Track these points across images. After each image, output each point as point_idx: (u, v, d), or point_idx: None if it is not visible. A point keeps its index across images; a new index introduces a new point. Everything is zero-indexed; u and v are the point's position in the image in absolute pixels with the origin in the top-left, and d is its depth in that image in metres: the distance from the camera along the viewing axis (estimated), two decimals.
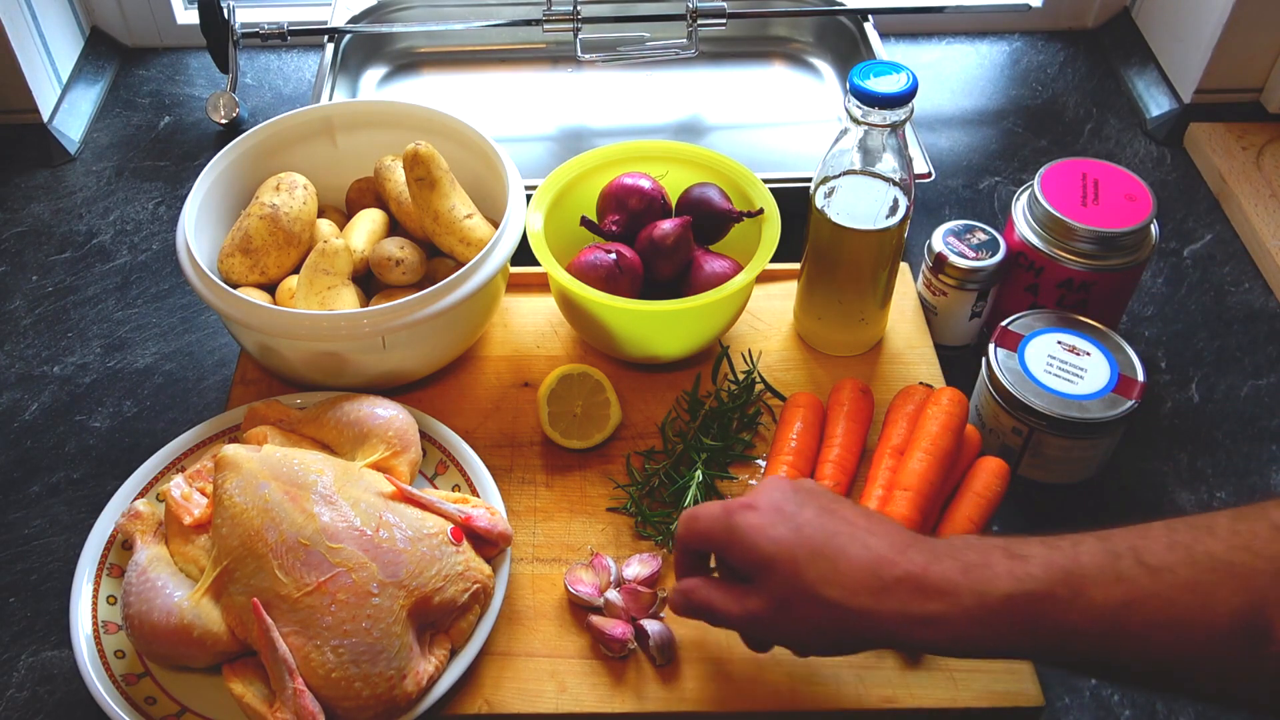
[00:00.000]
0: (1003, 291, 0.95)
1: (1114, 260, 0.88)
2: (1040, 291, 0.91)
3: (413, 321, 0.83)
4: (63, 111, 1.23)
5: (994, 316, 0.94)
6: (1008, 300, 0.94)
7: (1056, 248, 0.89)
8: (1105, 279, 0.89)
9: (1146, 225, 0.87)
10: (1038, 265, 0.90)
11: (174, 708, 0.72)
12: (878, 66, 0.82)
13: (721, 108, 1.26)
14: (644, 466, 0.87)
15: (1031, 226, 0.91)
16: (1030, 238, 0.90)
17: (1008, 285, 0.94)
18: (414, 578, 0.71)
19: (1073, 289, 0.90)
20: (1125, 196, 0.89)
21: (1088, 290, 0.89)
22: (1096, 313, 0.89)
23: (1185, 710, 0.76)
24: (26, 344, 1.01)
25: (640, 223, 0.93)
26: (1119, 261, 0.88)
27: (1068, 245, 0.88)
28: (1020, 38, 1.35)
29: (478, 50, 1.32)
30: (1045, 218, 0.89)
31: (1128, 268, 0.89)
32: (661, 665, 0.76)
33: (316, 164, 0.99)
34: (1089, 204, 0.88)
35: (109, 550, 0.79)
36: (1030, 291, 0.92)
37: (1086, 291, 0.89)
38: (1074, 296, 0.90)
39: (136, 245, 1.11)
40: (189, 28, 1.32)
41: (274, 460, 0.75)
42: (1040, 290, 0.91)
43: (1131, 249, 0.88)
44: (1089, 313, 0.89)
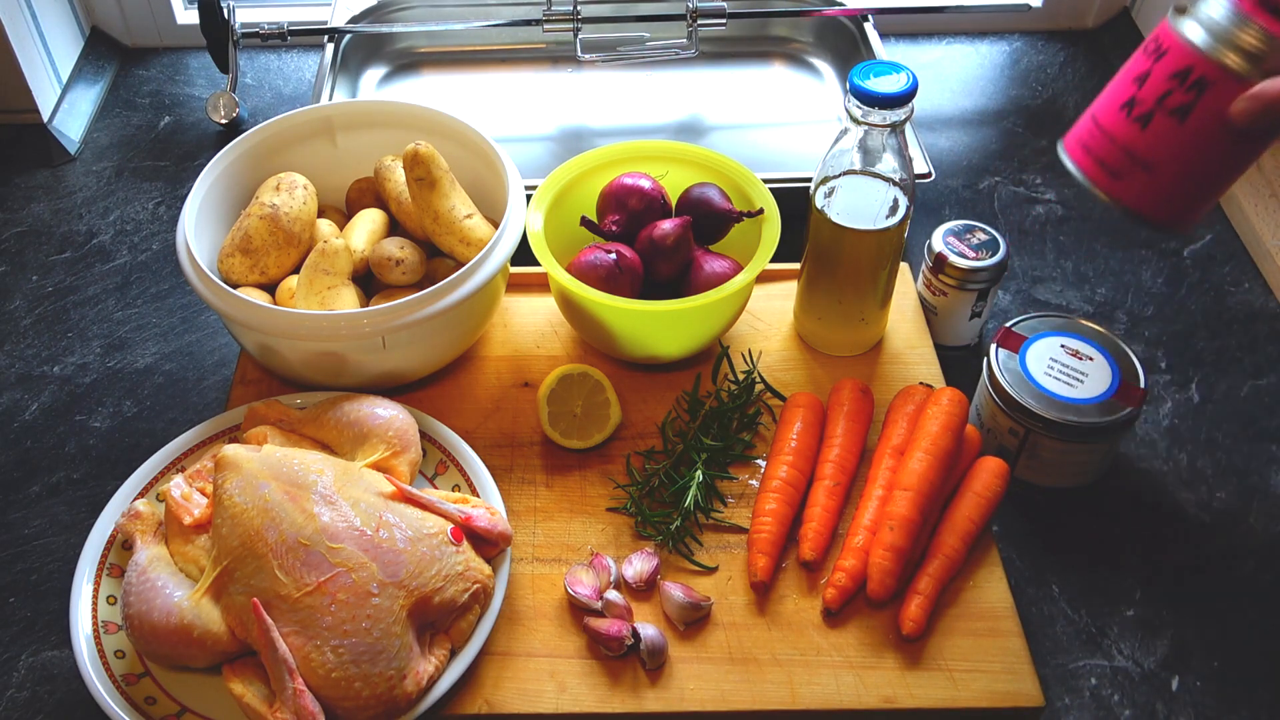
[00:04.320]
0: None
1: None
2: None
3: (413, 321, 0.83)
4: (63, 111, 1.23)
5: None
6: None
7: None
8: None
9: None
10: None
11: (174, 708, 0.72)
12: (878, 66, 0.82)
13: (721, 108, 1.26)
14: (644, 466, 0.87)
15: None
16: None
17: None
18: (414, 578, 0.71)
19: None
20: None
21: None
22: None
23: (1185, 710, 0.76)
24: (26, 344, 1.01)
25: (640, 223, 0.93)
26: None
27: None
28: (1020, 38, 1.35)
29: (478, 50, 1.32)
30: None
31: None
32: (651, 670, 0.76)
33: (316, 164, 0.99)
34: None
35: (109, 550, 0.79)
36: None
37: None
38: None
39: (136, 245, 1.11)
40: (189, 28, 1.33)
41: (274, 460, 0.75)
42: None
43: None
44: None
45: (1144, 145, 0.69)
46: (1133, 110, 0.69)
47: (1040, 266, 1.07)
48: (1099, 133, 0.71)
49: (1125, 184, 0.70)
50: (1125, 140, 0.69)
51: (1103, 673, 0.78)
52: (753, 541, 0.81)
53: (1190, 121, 0.67)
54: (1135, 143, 0.69)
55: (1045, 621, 0.81)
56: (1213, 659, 0.79)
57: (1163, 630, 0.80)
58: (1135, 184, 0.70)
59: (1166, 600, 0.82)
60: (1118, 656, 0.79)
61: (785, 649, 0.77)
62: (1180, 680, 0.78)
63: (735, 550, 0.83)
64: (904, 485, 0.81)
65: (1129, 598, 0.82)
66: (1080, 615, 0.81)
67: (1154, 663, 0.79)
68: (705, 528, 0.84)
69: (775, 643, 0.77)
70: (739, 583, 0.81)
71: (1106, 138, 0.70)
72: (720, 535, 0.84)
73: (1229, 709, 0.76)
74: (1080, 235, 1.10)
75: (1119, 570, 0.83)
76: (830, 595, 0.78)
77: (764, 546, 0.80)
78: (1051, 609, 0.81)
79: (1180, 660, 0.79)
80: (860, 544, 0.80)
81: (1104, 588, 0.82)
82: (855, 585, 0.79)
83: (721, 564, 0.82)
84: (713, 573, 0.81)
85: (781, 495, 0.83)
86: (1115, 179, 0.70)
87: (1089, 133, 0.72)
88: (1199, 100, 0.67)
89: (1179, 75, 0.67)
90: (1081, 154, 0.72)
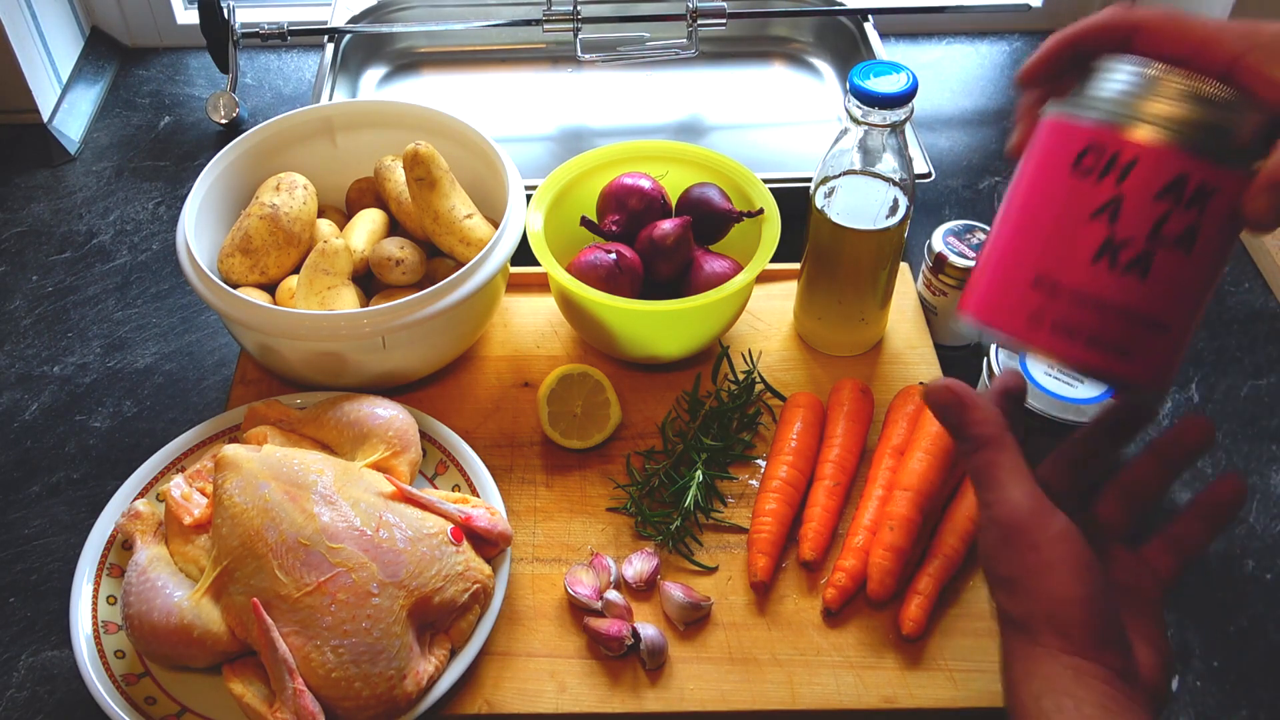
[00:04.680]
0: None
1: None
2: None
3: (413, 321, 0.83)
4: (63, 111, 1.23)
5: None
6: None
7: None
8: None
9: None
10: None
11: (174, 708, 0.72)
12: (878, 66, 0.82)
13: (721, 108, 1.26)
14: (644, 466, 0.87)
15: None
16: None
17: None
18: (414, 578, 0.71)
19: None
20: None
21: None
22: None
23: (1185, 710, 0.76)
24: (26, 344, 1.01)
25: (640, 223, 0.93)
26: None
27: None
28: (1020, 38, 1.35)
29: (478, 50, 1.32)
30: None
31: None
32: (651, 670, 0.76)
33: (316, 164, 0.99)
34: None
35: (109, 550, 0.79)
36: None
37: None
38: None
39: (136, 245, 1.11)
40: (189, 28, 1.33)
41: (274, 460, 0.75)
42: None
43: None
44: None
45: (1152, 300, 0.50)
46: (1119, 258, 0.50)
47: None
48: (1079, 305, 0.50)
49: (1140, 359, 0.51)
50: (1125, 302, 0.50)
51: None
52: (753, 541, 0.81)
53: (1199, 246, 0.50)
54: (1139, 300, 0.50)
55: None
56: (1213, 659, 0.79)
57: None
58: (1152, 354, 0.51)
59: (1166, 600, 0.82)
60: None
61: (785, 649, 0.77)
62: (1180, 680, 0.78)
63: (735, 550, 0.83)
64: (904, 485, 0.81)
65: None
66: None
67: None
68: (705, 528, 0.84)
69: (775, 643, 0.77)
70: (739, 583, 0.81)
71: (1095, 308, 0.50)
72: (720, 535, 0.84)
73: (1229, 709, 0.76)
74: None
75: None
76: (830, 595, 0.78)
77: (764, 546, 0.80)
78: None
79: (1180, 660, 0.79)
80: (860, 544, 0.80)
81: None
82: (855, 585, 0.79)
83: (721, 564, 0.82)
84: (713, 573, 0.81)
85: (781, 495, 0.83)
86: (1126, 358, 0.50)
87: (1062, 311, 0.51)
88: (1204, 215, 0.49)
89: (1171, 190, 0.49)
90: (1066, 342, 0.51)
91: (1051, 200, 0.51)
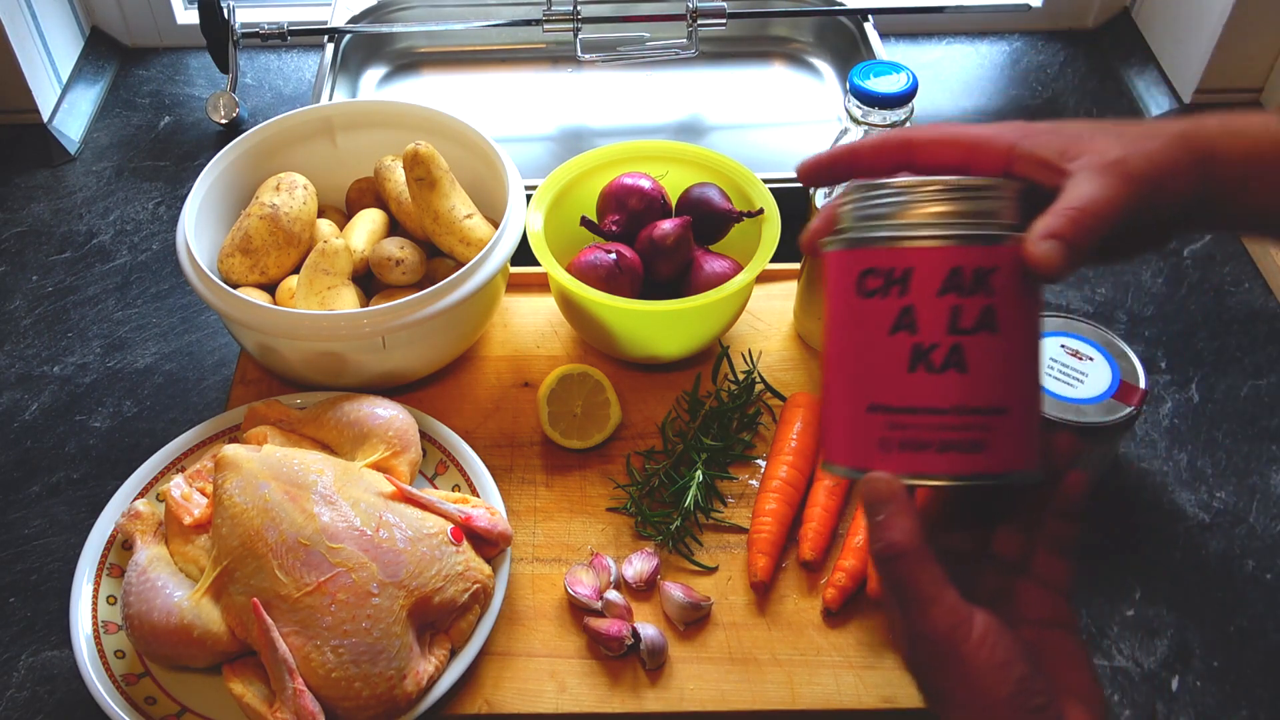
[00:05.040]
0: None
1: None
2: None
3: (413, 321, 0.83)
4: (63, 111, 1.23)
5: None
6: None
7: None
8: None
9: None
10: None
11: (174, 708, 0.72)
12: (878, 66, 0.82)
13: (721, 108, 1.26)
14: (644, 466, 0.87)
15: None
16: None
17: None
18: (414, 578, 0.71)
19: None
20: None
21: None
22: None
23: (1185, 710, 0.76)
24: (26, 344, 1.01)
25: (640, 223, 0.93)
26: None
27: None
28: (1020, 38, 1.35)
29: (478, 50, 1.32)
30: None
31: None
32: (651, 670, 0.76)
33: (316, 164, 0.99)
34: None
35: (109, 550, 0.79)
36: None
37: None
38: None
39: (136, 245, 1.11)
40: (189, 28, 1.32)
41: (274, 460, 0.75)
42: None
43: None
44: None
45: (980, 388, 0.50)
46: (932, 361, 0.50)
47: None
48: (915, 418, 0.51)
49: (996, 448, 0.51)
50: (956, 400, 0.50)
51: (1103, 673, 0.78)
52: (753, 541, 0.81)
53: (1003, 323, 0.50)
54: (969, 394, 0.50)
55: None
56: (1213, 659, 0.79)
57: (1163, 630, 0.80)
58: (1005, 439, 0.51)
59: (1166, 600, 0.82)
60: (1118, 656, 0.79)
61: (785, 649, 0.77)
62: (1180, 680, 0.78)
63: (735, 550, 0.83)
64: None
65: (1129, 598, 0.82)
66: (1080, 615, 0.81)
67: (1154, 663, 0.78)
68: (705, 528, 0.84)
69: (775, 643, 0.77)
70: (739, 583, 0.81)
71: (931, 415, 0.51)
72: (720, 535, 0.84)
73: (1229, 709, 0.76)
74: None
75: (1119, 570, 0.83)
76: (830, 595, 0.78)
77: (764, 546, 0.80)
78: None
79: (1180, 660, 0.79)
80: (860, 544, 0.80)
81: (1104, 588, 0.82)
82: (855, 585, 0.79)
83: (721, 564, 0.82)
84: (713, 573, 0.81)
85: (781, 495, 0.83)
86: (982, 451, 0.51)
87: (902, 429, 0.51)
88: (995, 294, 0.50)
89: (951, 284, 0.50)
90: (920, 458, 0.51)
91: (853, 328, 0.53)
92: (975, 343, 0.50)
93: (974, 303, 0.50)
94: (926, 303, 0.50)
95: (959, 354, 0.50)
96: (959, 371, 0.50)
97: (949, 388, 0.51)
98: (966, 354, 0.50)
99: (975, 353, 0.50)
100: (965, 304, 0.50)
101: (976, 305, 0.50)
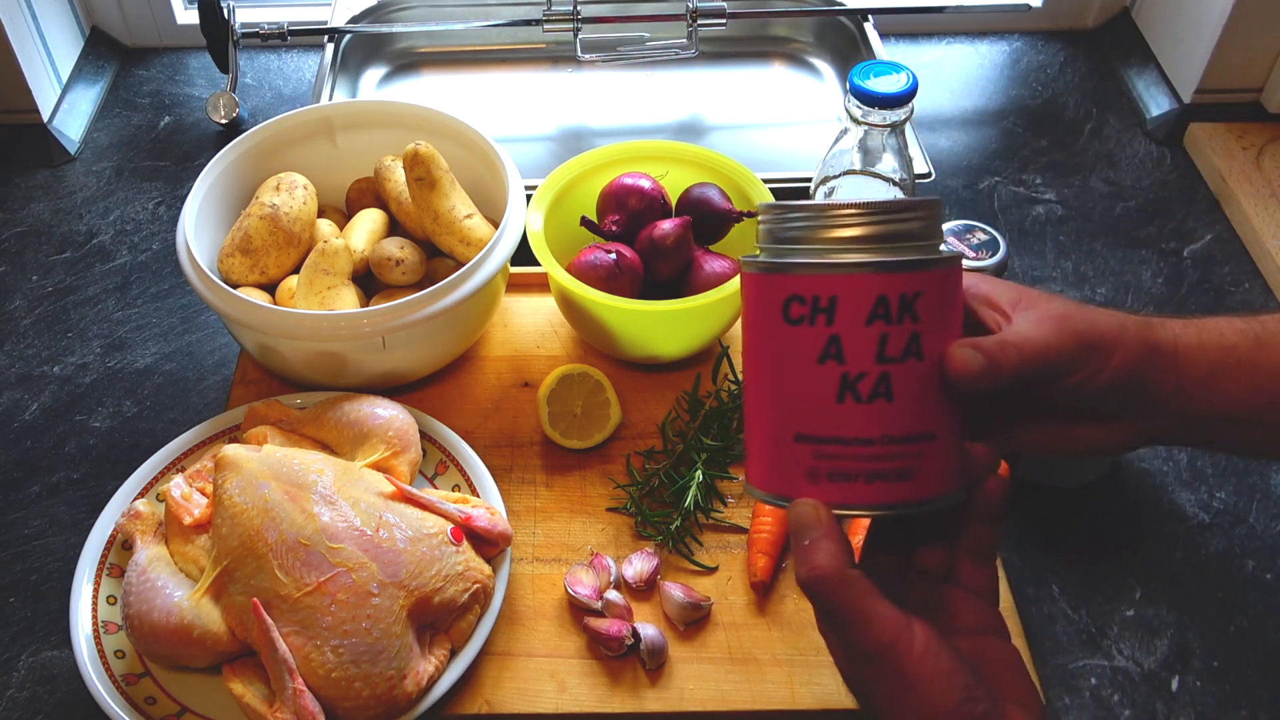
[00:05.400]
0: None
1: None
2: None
3: (413, 321, 0.83)
4: (63, 111, 1.23)
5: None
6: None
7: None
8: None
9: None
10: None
11: (174, 708, 0.72)
12: (878, 66, 0.82)
13: (721, 108, 1.26)
14: (644, 466, 0.87)
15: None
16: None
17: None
18: (414, 578, 0.71)
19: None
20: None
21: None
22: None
23: (1185, 710, 0.76)
24: (26, 344, 1.01)
25: (640, 223, 0.93)
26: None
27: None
28: (1020, 38, 1.35)
29: (478, 50, 1.32)
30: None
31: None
32: (651, 670, 0.76)
33: (316, 164, 0.99)
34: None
35: (109, 550, 0.79)
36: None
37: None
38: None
39: (136, 245, 1.11)
40: (189, 28, 1.32)
41: (274, 460, 0.75)
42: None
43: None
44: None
45: (907, 417, 0.50)
46: (859, 390, 0.50)
47: (1040, 266, 1.07)
48: (844, 448, 0.51)
49: (923, 475, 0.51)
50: (883, 430, 0.50)
51: (1103, 673, 0.78)
52: (753, 541, 0.81)
53: (929, 349, 0.50)
54: (896, 423, 0.50)
55: (1045, 621, 0.81)
56: (1213, 659, 0.79)
57: (1163, 630, 0.80)
58: (933, 465, 0.51)
59: (1166, 600, 0.82)
60: (1118, 656, 0.79)
61: (785, 649, 0.77)
62: (1180, 680, 0.78)
63: (735, 550, 0.83)
64: None
65: (1129, 598, 0.82)
66: (1080, 615, 0.81)
67: (1154, 663, 0.79)
68: (705, 528, 0.84)
69: (775, 643, 0.77)
70: (739, 583, 0.81)
71: (859, 445, 0.51)
72: (720, 535, 0.84)
73: (1229, 709, 0.76)
74: (1080, 235, 1.10)
75: (1119, 570, 0.83)
76: None
77: (764, 546, 0.80)
78: (1051, 609, 0.81)
79: (1180, 660, 0.79)
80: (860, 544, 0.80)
81: (1104, 588, 0.82)
82: None
83: (721, 564, 0.82)
84: (713, 573, 0.81)
85: None
86: (910, 480, 0.51)
87: (831, 460, 0.51)
88: (920, 320, 0.50)
89: (878, 313, 0.50)
90: (848, 488, 0.51)
91: (779, 355, 0.52)
92: (902, 371, 0.50)
93: (901, 331, 0.50)
94: (853, 332, 0.50)
95: (887, 383, 0.50)
96: (887, 401, 0.50)
97: (877, 418, 0.50)
98: (894, 383, 0.50)
99: (902, 381, 0.50)
100: (892, 332, 0.50)
101: (904, 333, 0.50)
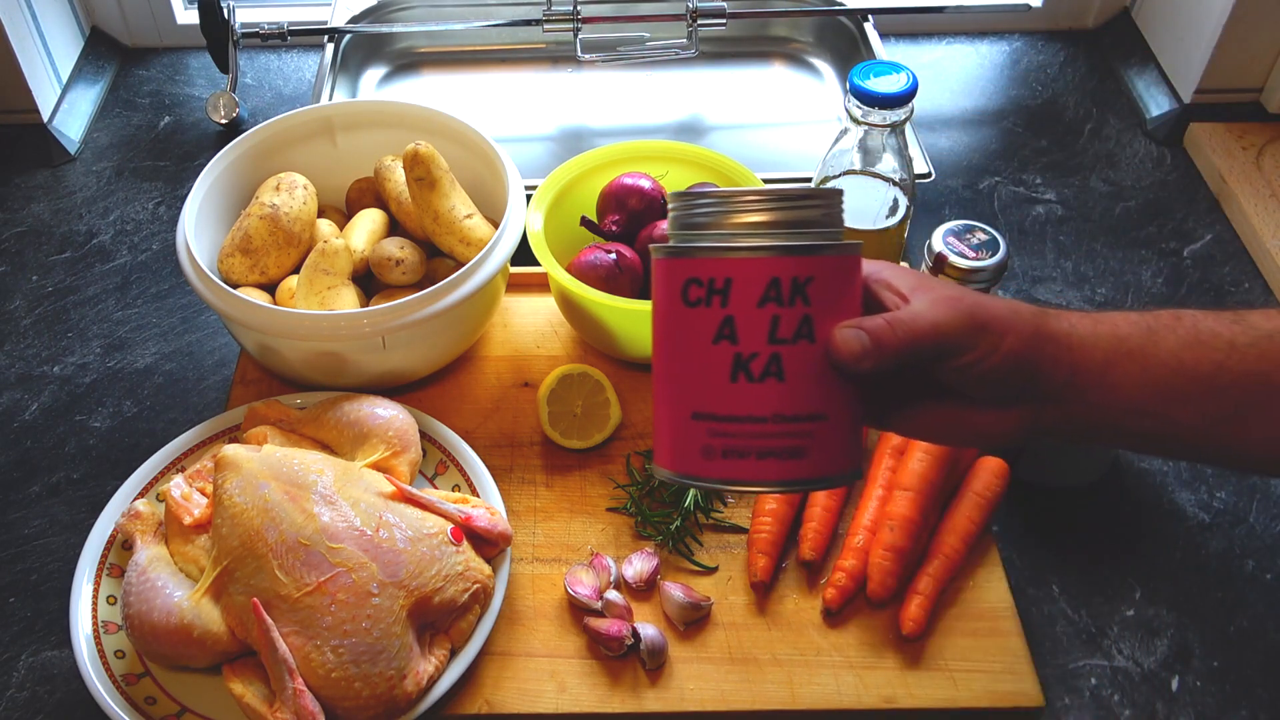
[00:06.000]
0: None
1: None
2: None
3: (413, 321, 0.83)
4: (63, 111, 1.23)
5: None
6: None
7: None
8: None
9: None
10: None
11: (174, 708, 0.72)
12: (878, 66, 0.82)
13: (721, 108, 1.26)
14: (644, 466, 0.87)
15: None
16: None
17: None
18: (414, 578, 0.71)
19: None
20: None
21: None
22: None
23: (1185, 710, 0.76)
24: (26, 344, 1.01)
25: (640, 223, 0.93)
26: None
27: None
28: (1020, 38, 1.35)
29: (478, 50, 1.32)
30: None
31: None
32: (651, 670, 0.76)
33: (316, 164, 0.99)
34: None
35: (109, 550, 0.79)
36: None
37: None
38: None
39: (136, 245, 1.11)
40: (189, 28, 1.32)
41: (274, 460, 0.75)
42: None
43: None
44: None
45: (798, 397, 0.52)
46: (751, 370, 0.51)
47: (1040, 266, 1.07)
48: (736, 426, 0.52)
49: (814, 454, 0.52)
50: (775, 409, 0.52)
51: (1103, 673, 0.78)
52: (753, 541, 0.81)
53: (820, 331, 0.52)
54: (787, 402, 0.52)
55: (1045, 621, 0.81)
56: (1213, 659, 0.79)
57: (1163, 630, 0.80)
58: (824, 445, 0.53)
59: (1166, 600, 0.82)
60: (1118, 656, 0.79)
61: (785, 649, 0.77)
62: (1180, 680, 0.78)
63: (735, 550, 0.83)
64: (904, 485, 0.81)
65: (1129, 598, 0.82)
66: (1080, 615, 0.81)
67: (1154, 663, 0.79)
68: (705, 528, 0.84)
69: (775, 643, 0.77)
70: (739, 583, 0.81)
71: (751, 424, 0.52)
72: (720, 535, 0.84)
73: (1229, 709, 0.76)
74: (1080, 235, 1.10)
75: (1119, 570, 0.83)
76: (830, 595, 0.78)
77: (764, 546, 0.80)
78: (1051, 609, 0.81)
79: (1180, 660, 0.79)
80: (860, 544, 0.80)
81: (1104, 588, 0.82)
82: (855, 585, 0.79)
83: (721, 564, 0.82)
84: (713, 573, 0.81)
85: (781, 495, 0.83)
86: (801, 458, 0.52)
87: (724, 437, 0.52)
88: (811, 304, 0.51)
89: (770, 295, 0.51)
90: (741, 465, 0.52)
91: (678, 337, 0.54)
92: (794, 352, 0.51)
93: (792, 313, 0.51)
94: (747, 313, 0.51)
95: (778, 363, 0.51)
96: (778, 380, 0.51)
97: (768, 397, 0.52)
98: (785, 363, 0.51)
99: (794, 362, 0.52)
100: (784, 314, 0.51)
101: (795, 315, 0.51)
